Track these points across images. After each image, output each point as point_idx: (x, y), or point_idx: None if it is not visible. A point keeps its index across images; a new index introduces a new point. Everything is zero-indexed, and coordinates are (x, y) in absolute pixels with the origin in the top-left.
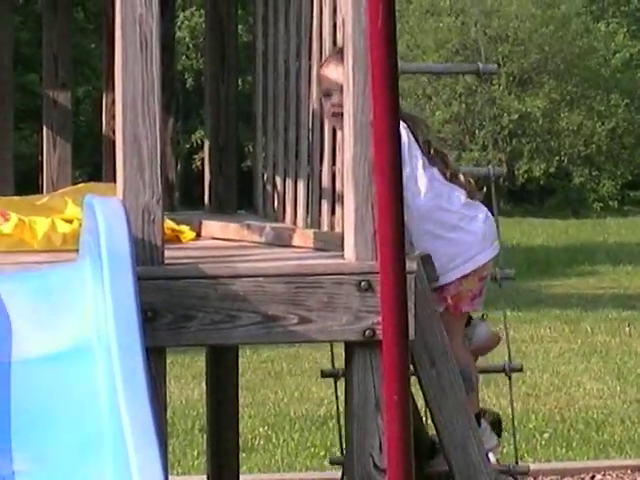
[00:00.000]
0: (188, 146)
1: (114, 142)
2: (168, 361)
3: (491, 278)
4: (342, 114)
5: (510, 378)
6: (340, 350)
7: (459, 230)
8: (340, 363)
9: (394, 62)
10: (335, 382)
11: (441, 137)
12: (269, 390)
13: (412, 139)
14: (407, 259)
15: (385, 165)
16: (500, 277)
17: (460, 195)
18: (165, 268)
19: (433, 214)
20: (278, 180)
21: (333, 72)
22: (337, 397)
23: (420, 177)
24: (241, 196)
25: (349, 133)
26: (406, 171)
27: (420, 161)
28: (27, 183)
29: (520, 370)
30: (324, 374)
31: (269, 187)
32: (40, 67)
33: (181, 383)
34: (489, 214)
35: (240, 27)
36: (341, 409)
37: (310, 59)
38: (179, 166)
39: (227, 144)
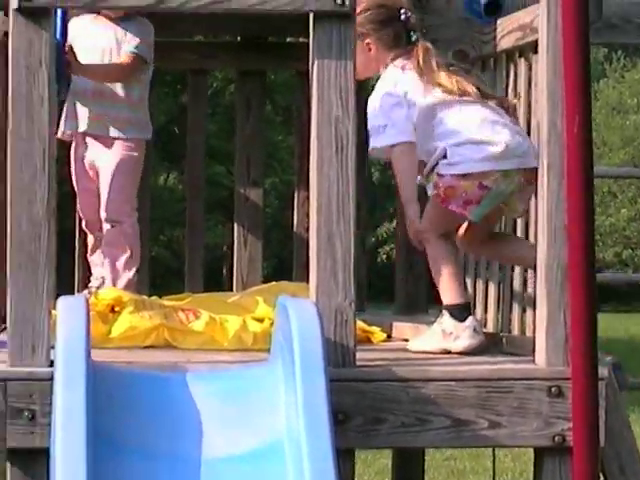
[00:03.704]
0: (374, 239)
1: (305, 239)
2: None
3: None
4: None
5: None
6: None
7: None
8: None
9: (589, 167)
10: None
11: None
12: None
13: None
14: (599, 365)
15: (580, 270)
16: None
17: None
18: (357, 370)
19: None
20: (468, 281)
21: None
22: None
23: None
24: (432, 294)
25: (543, 237)
26: None
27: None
28: (211, 274)
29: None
30: None
31: None
32: (227, 160)
33: None
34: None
35: None
36: None
37: None
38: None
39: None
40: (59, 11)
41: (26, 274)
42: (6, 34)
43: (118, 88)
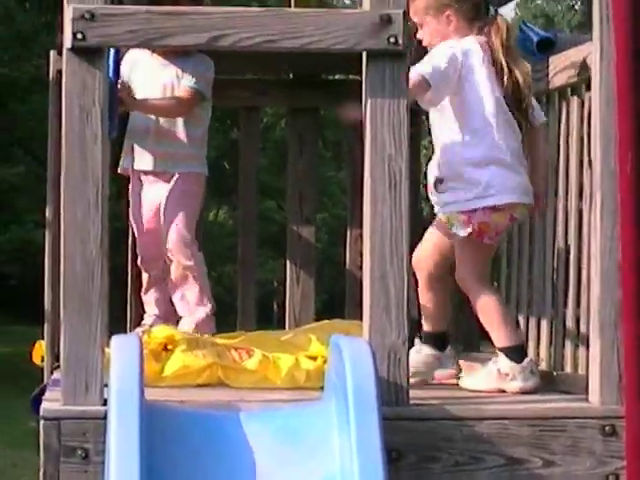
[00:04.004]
0: None
1: (357, 277)
2: None
3: None
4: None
5: None
6: None
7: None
8: None
9: None
10: None
11: None
12: None
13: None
14: None
15: (633, 308)
16: None
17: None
18: (410, 409)
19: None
20: (520, 318)
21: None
22: None
23: None
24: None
25: (596, 274)
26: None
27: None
28: (261, 309)
29: None
30: None
31: None
32: (277, 195)
33: None
34: None
35: None
36: None
37: (556, 197)
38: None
39: None
40: (111, 49)
41: (79, 313)
42: (60, 72)
43: (179, 127)
